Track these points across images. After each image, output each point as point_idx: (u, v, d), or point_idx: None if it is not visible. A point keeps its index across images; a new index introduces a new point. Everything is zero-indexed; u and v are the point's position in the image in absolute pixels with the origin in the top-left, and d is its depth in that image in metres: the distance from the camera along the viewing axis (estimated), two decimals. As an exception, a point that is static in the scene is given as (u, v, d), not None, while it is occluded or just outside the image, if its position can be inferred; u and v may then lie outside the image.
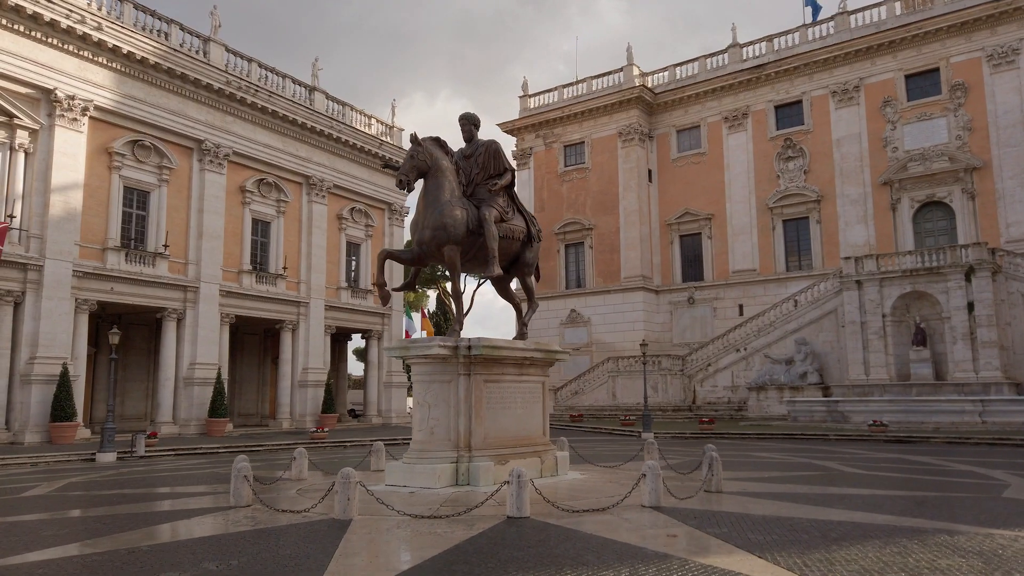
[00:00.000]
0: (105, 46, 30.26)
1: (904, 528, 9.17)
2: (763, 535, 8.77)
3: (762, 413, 40.58)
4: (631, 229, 50.58)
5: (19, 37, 27.97)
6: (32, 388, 27.64)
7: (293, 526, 9.36)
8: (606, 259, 51.51)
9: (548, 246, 53.68)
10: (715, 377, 44.39)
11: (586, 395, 47.40)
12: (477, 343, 12.52)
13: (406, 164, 12.94)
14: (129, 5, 31.89)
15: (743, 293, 48.21)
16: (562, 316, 52.48)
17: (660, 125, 52.41)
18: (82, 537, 9.20)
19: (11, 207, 27.82)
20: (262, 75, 37.50)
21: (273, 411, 39.68)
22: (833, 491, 12.70)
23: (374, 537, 8.72)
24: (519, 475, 9.77)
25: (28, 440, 27.13)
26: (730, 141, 49.49)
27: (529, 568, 7.20)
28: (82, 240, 29.81)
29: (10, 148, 28.09)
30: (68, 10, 28.81)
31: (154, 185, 32.75)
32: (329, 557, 7.63)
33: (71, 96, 29.28)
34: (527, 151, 55.60)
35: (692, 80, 51.16)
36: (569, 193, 53.54)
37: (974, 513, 10.41)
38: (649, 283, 50.55)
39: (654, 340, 50.22)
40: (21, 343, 27.97)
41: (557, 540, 8.46)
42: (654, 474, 10.67)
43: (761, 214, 47.86)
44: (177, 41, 33.63)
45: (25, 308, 28.07)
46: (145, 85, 32.11)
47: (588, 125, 53.16)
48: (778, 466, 17.81)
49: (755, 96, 48.86)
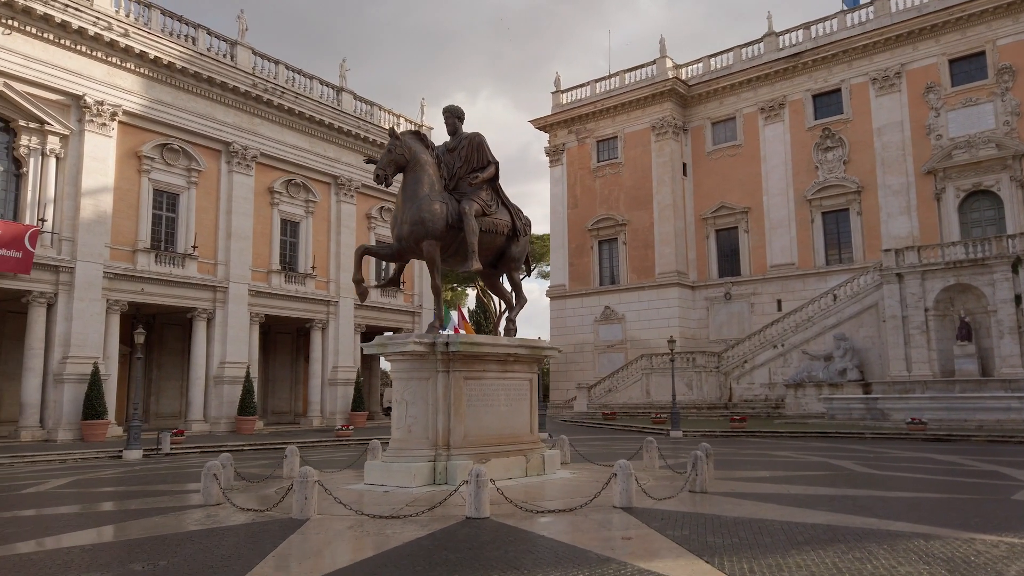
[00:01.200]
0: (132, 52, 30.93)
1: (880, 532, 8.65)
2: (724, 538, 8.36)
3: (800, 411, 39.48)
4: (665, 224, 49.76)
5: (49, 45, 28.75)
6: (64, 387, 28.40)
7: (247, 525, 9.28)
8: (640, 255, 50.78)
9: (582, 243, 53.27)
10: (752, 374, 43.35)
11: (620, 393, 46.76)
12: (455, 339, 12.31)
13: (383, 158, 12.79)
14: (156, 11, 32.54)
15: (781, 288, 47.00)
16: (596, 313, 51.92)
17: (694, 118, 51.44)
18: (31, 536, 9.19)
19: (43, 211, 28.62)
20: (289, 77, 37.91)
21: (305, 409, 40.12)
22: (827, 492, 12.13)
23: (319, 537, 8.56)
24: (478, 475, 9.51)
25: (61, 438, 27.88)
26: (766, 132, 48.29)
27: (457, 571, 6.95)
28: (113, 242, 30.51)
29: (42, 154, 28.90)
30: (95, 17, 29.50)
31: (183, 187, 33.37)
32: (262, 558, 7.50)
33: (100, 102, 29.98)
34: (560, 147, 55.17)
35: (727, 71, 50.08)
36: (602, 189, 52.93)
37: (969, 516, 9.79)
38: (684, 279, 49.65)
39: (690, 337, 49.43)
40: (54, 343, 28.76)
41: (502, 543, 8.19)
42: (625, 474, 10.30)
43: (799, 207, 46.58)
44: (204, 45, 34.20)
45: (57, 309, 28.86)
46: (173, 89, 32.72)
47: (621, 119, 52.47)
48: (788, 465, 17.18)
49: (792, 85, 47.56)
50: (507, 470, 12.70)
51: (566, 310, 53.54)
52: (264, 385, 40.30)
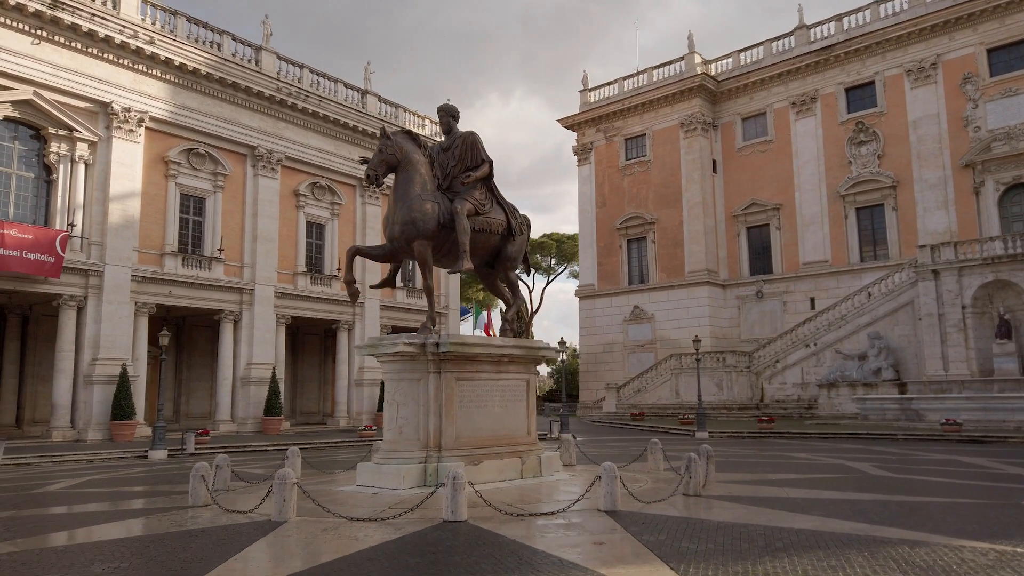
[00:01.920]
0: (158, 59, 31.50)
1: (868, 538, 8.30)
2: (700, 544, 8.11)
3: (833, 412, 38.60)
4: (695, 222, 49.10)
5: (77, 54, 29.43)
6: (94, 388, 29.04)
7: (224, 527, 9.29)
8: (669, 253, 50.19)
9: (610, 242, 52.85)
10: (783, 374, 42.54)
11: (649, 393, 46.26)
12: (445, 340, 12.21)
13: (374, 158, 12.73)
14: (182, 19, 33.11)
15: (815, 286, 46.03)
16: (625, 313, 51.45)
17: (724, 113, 50.67)
18: (11, 536, 9.27)
19: (72, 216, 29.30)
20: (314, 80, 38.28)
21: (332, 409, 40.44)
22: (830, 496, 11.73)
23: (288, 540, 8.53)
24: (454, 477, 9.40)
25: (91, 437, 28.51)
26: (798, 127, 47.34)
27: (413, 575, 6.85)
28: (140, 246, 31.12)
29: (71, 160, 29.60)
30: (122, 26, 30.12)
31: (209, 191, 33.90)
32: (223, 561, 7.48)
33: (127, 108, 30.60)
34: (588, 146, 54.82)
35: (757, 65, 49.25)
36: (630, 187, 52.44)
37: (968, 522, 9.37)
38: (715, 277, 48.93)
39: (721, 336, 48.73)
40: (84, 345, 29.43)
41: (469, 547, 8.05)
42: (609, 477, 10.09)
43: (832, 202, 45.58)
44: (229, 51, 34.70)
45: (87, 312, 29.52)
46: (198, 95, 33.26)
47: (649, 117, 51.94)
48: (801, 468, 16.73)
49: (824, 79, 46.55)
50: (500, 472, 12.57)
51: (595, 310, 53.18)
52: (292, 386, 40.75)
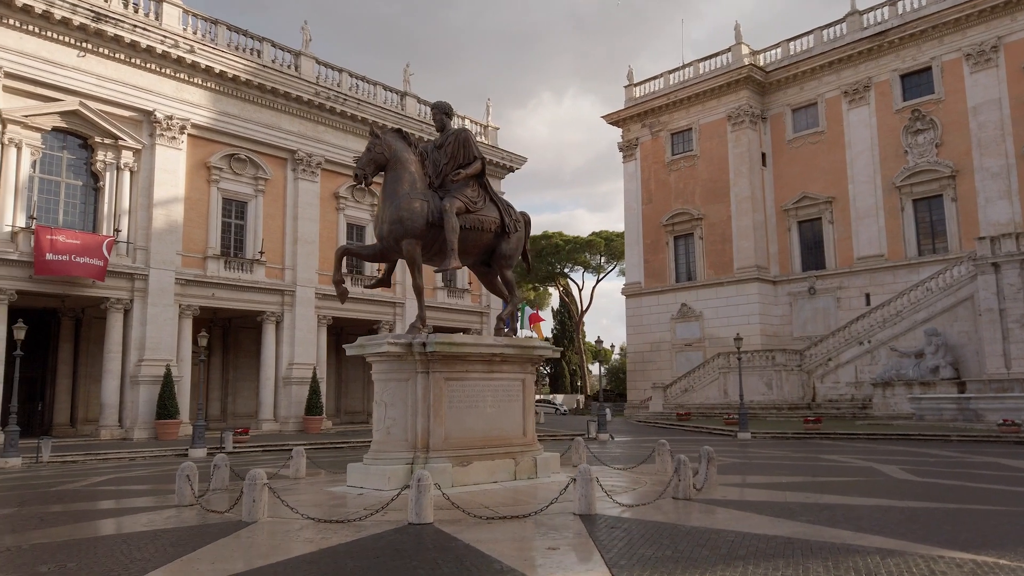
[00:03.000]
0: (199, 67, 32.33)
1: (841, 547, 7.83)
2: (659, 550, 7.79)
3: (888, 411, 37.10)
4: (743, 217, 47.88)
5: (120, 65, 30.43)
6: (140, 388, 29.97)
7: (194, 527, 9.38)
8: (717, 250, 49.07)
9: (656, 239, 52.02)
10: (836, 373, 41.12)
11: (696, 392, 45.34)
12: (432, 340, 12.09)
13: (363, 157, 12.70)
14: (222, 27, 33.92)
15: (870, 281, 44.36)
16: (673, 311, 50.53)
17: (773, 105, 49.27)
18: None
19: (118, 222, 30.31)
20: (353, 84, 38.75)
21: (376, 409, 40.82)
22: (830, 501, 11.14)
23: (246, 541, 8.54)
24: (419, 480, 9.25)
25: (137, 436, 29.44)
26: (851, 117, 45.69)
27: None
28: (184, 250, 31.99)
29: (116, 168, 30.63)
30: (163, 36, 31.00)
31: (250, 195, 34.64)
32: (170, 560, 7.52)
33: (169, 116, 31.50)
34: (633, 142, 54.06)
35: (807, 54, 47.71)
36: (677, 183, 51.49)
37: (962, 531, 8.76)
38: (765, 273, 47.63)
39: (772, 334, 47.43)
40: (130, 347, 30.41)
41: (418, 551, 7.90)
42: (585, 479, 9.79)
43: (888, 194, 43.83)
44: (269, 57, 35.40)
45: (133, 314, 30.51)
46: (239, 101, 34.01)
47: (695, 110, 50.89)
48: (820, 471, 16.06)
49: (877, 66, 44.80)
50: (491, 473, 12.39)
51: (642, 308, 52.40)
52: (337, 386, 41.34)
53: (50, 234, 27.68)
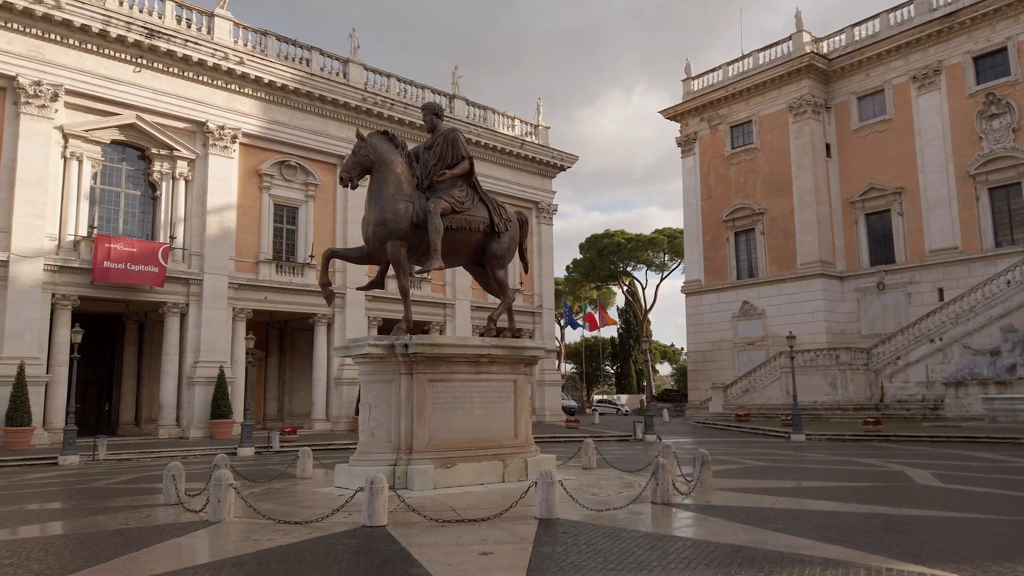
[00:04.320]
0: (249, 78, 33.35)
1: (789, 556, 7.40)
2: (593, 559, 7.53)
3: (961, 413, 35.13)
4: (806, 211, 46.20)
5: (174, 78, 31.69)
6: (195, 389, 31.12)
7: (156, 527, 9.64)
8: (780, 245, 47.52)
9: (717, 235, 50.77)
10: (905, 372, 39.20)
11: (757, 393, 44.01)
12: (414, 341, 12.08)
13: (348, 160, 12.82)
14: (272, 38, 34.90)
15: (943, 275, 42.13)
16: (734, 309, 49.21)
17: (837, 93, 47.36)
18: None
19: (174, 229, 31.58)
20: (401, 89, 39.27)
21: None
22: (818, 507, 10.56)
23: (196, 541, 8.71)
24: (372, 482, 9.23)
25: (192, 435, 30.59)
26: (920, 103, 43.50)
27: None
28: (237, 255, 33.05)
29: (172, 177, 31.91)
30: (214, 49, 32.12)
31: (301, 201, 35.52)
32: (109, 559, 7.72)
33: (221, 126, 32.60)
34: (691, 136, 52.91)
35: (873, 39, 45.68)
36: (737, 177, 50.11)
37: (940, 542, 8.15)
38: (830, 269, 45.84)
39: (839, 331, 45.63)
40: (187, 349, 31.61)
41: (350, 554, 7.90)
42: (546, 483, 9.58)
43: (961, 183, 41.54)
44: (318, 66, 36.23)
45: (189, 318, 31.71)
46: (288, 109, 34.93)
47: (755, 102, 49.43)
48: (841, 475, 15.32)
49: (948, 49, 42.49)
50: (478, 475, 12.28)
51: (702, 306, 51.24)
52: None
53: (108, 242, 29.05)
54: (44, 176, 28.25)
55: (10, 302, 27.11)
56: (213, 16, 33.05)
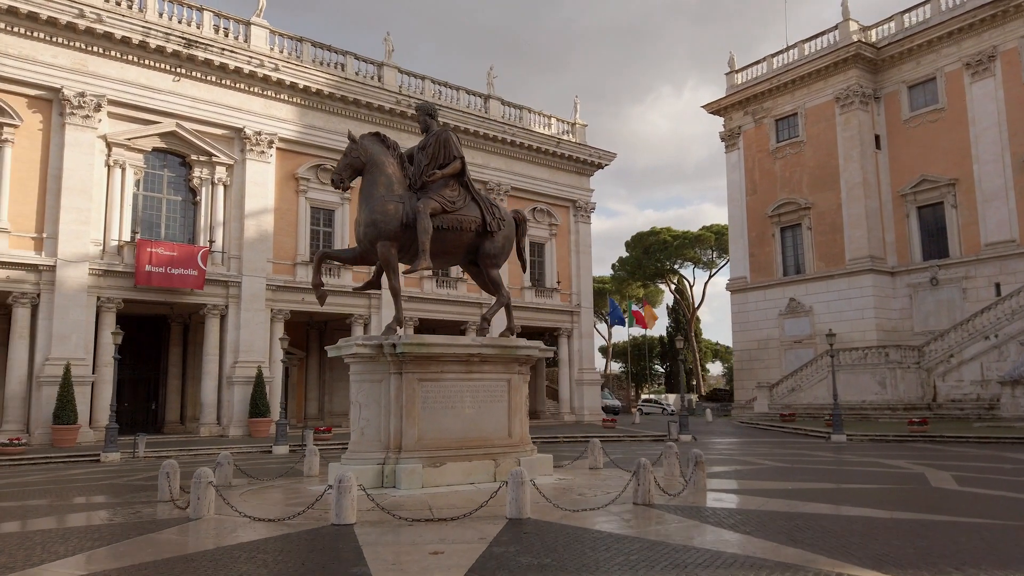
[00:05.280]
0: (284, 84, 34.05)
1: (744, 559, 7.18)
2: (541, 557, 7.48)
3: (1018, 412, 33.54)
4: (855, 204, 44.83)
5: (212, 86, 32.55)
6: (235, 388, 31.92)
7: (138, 523, 9.91)
8: (827, 240, 46.21)
9: (762, 231, 49.67)
10: (959, 370, 37.68)
11: (804, 392, 42.87)
12: (402, 341, 12.12)
13: (340, 163, 12.95)
14: (307, 44, 35.57)
15: (1000, 269, 40.39)
16: (780, 306, 48.06)
17: (887, 83, 45.81)
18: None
19: (213, 233, 32.44)
20: (436, 90, 39.54)
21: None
22: (809, 510, 10.19)
23: (165, 537, 8.90)
24: (340, 480, 9.30)
25: (232, 433, 31.38)
26: (974, 91, 41.76)
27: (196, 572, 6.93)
28: (274, 257, 33.77)
29: (211, 183, 32.78)
30: (249, 56, 32.89)
31: (337, 203, 36.08)
32: (74, 555, 7.96)
33: (258, 132, 33.36)
34: (735, 131, 51.86)
35: (923, 26, 44.04)
36: (782, 171, 48.92)
37: (909, 546, 7.78)
38: (880, 264, 44.38)
39: (890, 329, 44.15)
40: (227, 349, 32.43)
41: (303, 550, 7.98)
42: (516, 483, 9.49)
43: (1018, 173, 39.79)
44: (353, 70, 36.76)
45: (228, 319, 32.53)
46: (323, 114, 35.53)
47: (800, 94, 48.18)
48: (853, 477, 14.86)
49: (1004, 33, 40.70)
50: (468, 474, 12.26)
51: (748, 304, 50.19)
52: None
53: (150, 247, 30.02)
54: (89, 184, 29.35)
55: (57, 305, 28.25)
56: (249, 24, 33.83)
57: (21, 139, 28.45)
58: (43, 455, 24.38)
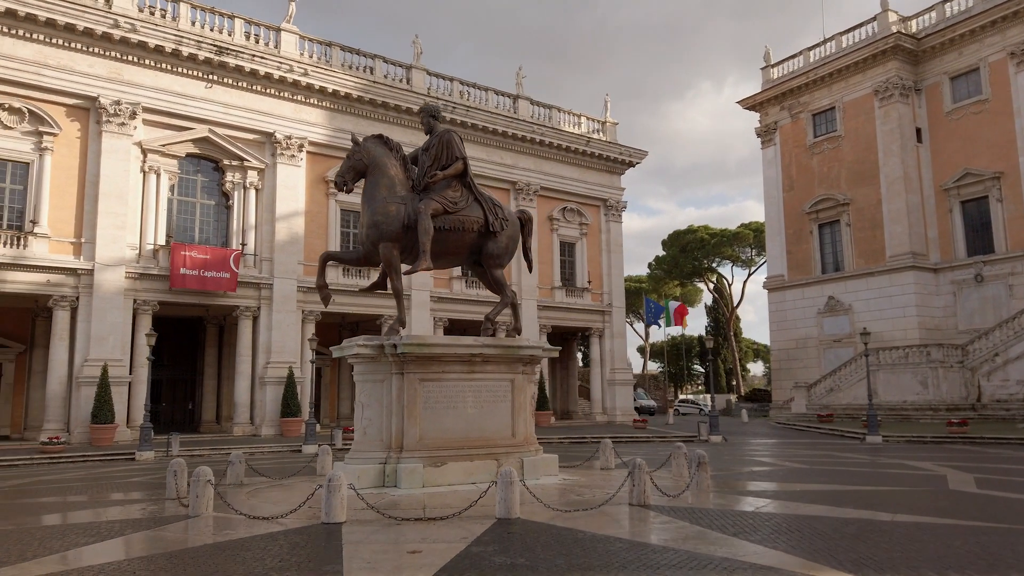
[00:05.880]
0: (314, 88, 34.53)
1: (717, 560, 7.06)
2: (516, 557, 7.49)
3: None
4: (895, 200, 43.71)
5: (243, 92, 33.17)
6: (267, 388, 32.48)
7: (139, 520, 10.26)
8: (867, 237, 45.15)
9: (800, 227, 48.76)
10: (1005, 369, 36.50)
11: (843, 392, 41.94)
12: (403, 341, 12.18)
13: (343, 165, 13.09)
14: (336, 48, 36.00)
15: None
16: (819, 304, 47.10)
17: (928, 74, 44.57)
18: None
19: (245, 236, 33.05)
20: (464, 91, 39.68)
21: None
22: (804, 512, 9.95)
23: (155, 534, 9.09)
24: (330, 480, 9.40)
25: (264, 433, 31.92)
26: (1019, 81, 40.47)
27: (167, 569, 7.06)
28: (305, 259, 34.25)
29: (243, 187, 33.40)
30: (279, 62, 33.43)
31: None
32: (54, 553, 8.17)
33: (289, 136, 33.89)
34: (771, 126, 50.99)
35: (966, 15, 42.73)
36: (820, 166, 47.94)
37: (898, 548, 7.56)
38: (922, 260, 43.20)
39: (933, 327, 42.96)
40: (259, 350, 33.01)
41: (284, 549, 8.06)
42: (505, 483, 9.48)
43: (1067, 165, 38.31)
44: (381, 73, 37.12)
45: (260, 320, 33.12)
46: (352, 117, 35.92)
47: (838, 87, 47.15)
48: (870, 479, 14.45)
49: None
50: (469, 474, 12.26)
51: (785, 302, 49.30)
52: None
53: (184, 250, 30.73)
54: (125, 189, 30.15)
55: (95, 308, 29.08)
56: (280, 30, 34.39)
57: (60, 147, 29.36)
58: (81, 453, 25.10)
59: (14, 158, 28.58)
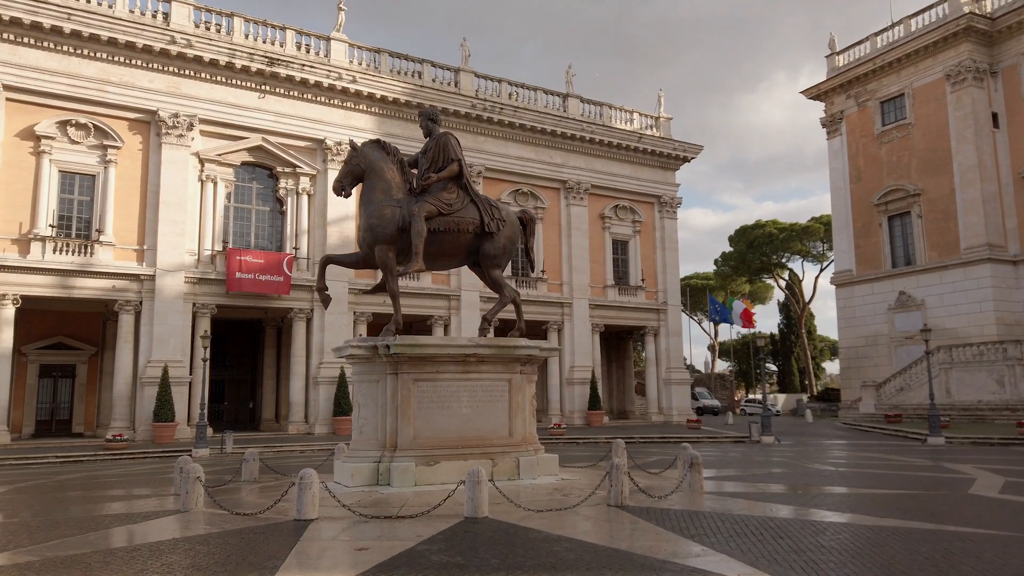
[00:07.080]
0: (362, 95, 35.29)
1: (670, 566, 6.89)
2: (468, 557, 7.50)
3: None
4: (970, 189, 41.54)
5: (295, 101, 34.20)
6: (320, 388, 33.38)
7: (128, 515, 10.68)
8: (939, 228, 43.05)
9: (868, 220, 46.88)
10: (1091, 367, 34.23)
11: (913, 392, 40.10)
12: (396, 342, 12.35)
13: (342, 170, 13.36)
14: (385, 55, 36.70)
15: None
16: (890, 300, 45.16)
17: (1005, 56, 42.17)
18: None
19: (297, 240, 34.07)
20: (513, 92, 39.80)
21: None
22: (802, 515, 9.62)
23: (139, 529, 9.51)
24: (302, 477, 9.62)
25: (317, 431, 32.82)
26: (1105, 57, 37.76)
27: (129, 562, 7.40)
28: (357, 262, 34.98)
29: (296, 193, 34.43)
30: (328, 70, 34.31)
31: (417, 208, 36.95)
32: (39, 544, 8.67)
33: (339, 142, 34.72)
34: (837, 116, 49.17)
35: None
36: (889, 156, 45.95)
37: (881, 557, 7.23)
38: (1000, 253, 40.92)
39: (1013, 323, 40.74)
40: (312, 351, 33.97)
41: (244, 542, 8.31)
42: (472, 483, 9.51)
43: None
44: (430, 77, 37.62)
45: (314, 322, 34.07)
46: (401, 121, 36.53)
47: (907, 73, 45.10)
48: (904, 482, 13.79)
49: None
50: (462, 474, 12.16)
51: (854, 298, 47.47)
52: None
53: (239, 255, 31.90)
54: (184, 198, 31.53)
55: (157, 311, 30.51)
56: (329, 40, 35.29)
57: (123, 159, 30.92)
58: (141, 450, 26.40)
59: (81, 171, 30.28)
